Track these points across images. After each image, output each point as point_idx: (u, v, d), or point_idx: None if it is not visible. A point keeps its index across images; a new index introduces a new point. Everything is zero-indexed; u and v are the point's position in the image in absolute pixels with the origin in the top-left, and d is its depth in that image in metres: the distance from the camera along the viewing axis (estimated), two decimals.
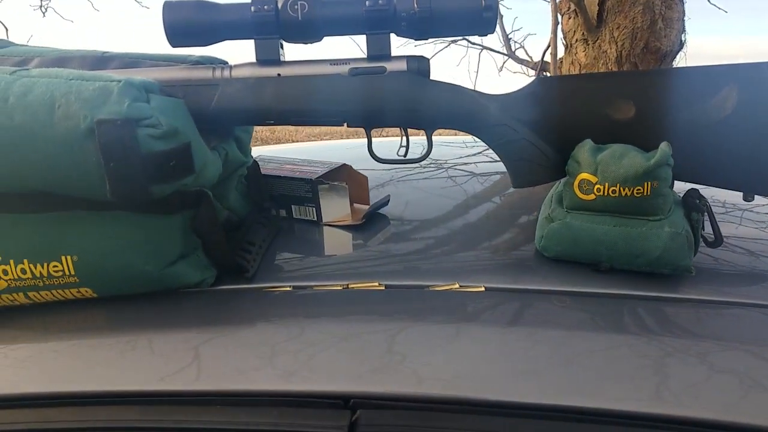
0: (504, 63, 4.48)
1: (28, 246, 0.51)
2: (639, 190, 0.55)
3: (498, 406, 0.40)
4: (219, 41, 0.61)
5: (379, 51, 0.61)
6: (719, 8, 3.60)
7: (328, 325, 0.50)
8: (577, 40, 3.21)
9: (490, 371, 0.43)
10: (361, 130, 0.66)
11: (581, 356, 0.44)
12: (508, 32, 4.15)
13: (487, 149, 1.30)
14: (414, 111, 0.62)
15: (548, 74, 3.66)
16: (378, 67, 0.61)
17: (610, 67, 3.05)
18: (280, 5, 0.58)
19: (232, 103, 0.60)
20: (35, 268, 0.51)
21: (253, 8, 0.58)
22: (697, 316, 0.51)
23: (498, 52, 4.34)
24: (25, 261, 0.51)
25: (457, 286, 0.55)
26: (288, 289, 0.57)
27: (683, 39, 3.11)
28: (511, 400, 0.40)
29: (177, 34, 0.59)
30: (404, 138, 0.69)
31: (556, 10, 3.31)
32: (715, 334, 0.48)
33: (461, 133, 0.67)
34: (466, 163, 1.14)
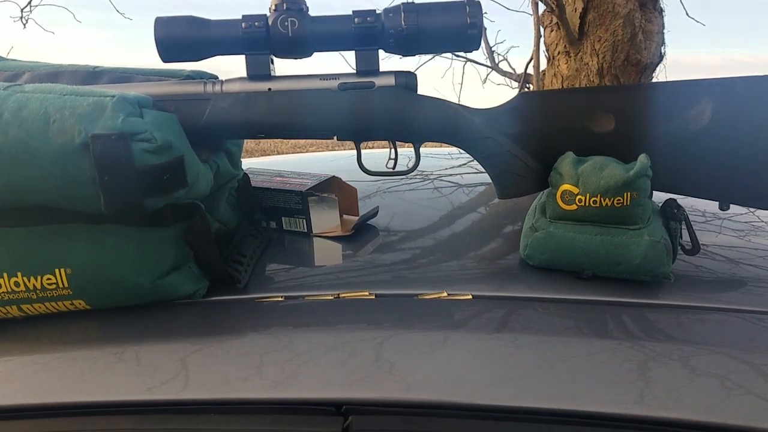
0: (488, 75, 4.53)
1: (22, 259, 0.52)
2: (619, 200, 0.57)
3: (485, 410, 0.41)
4: (210, 56, 0.62)
5: (367, 66, 0.62)
6: (697, 21, 3.68)
7: (320, 333, 0.51)
8: (559, 52, 3.26)
9: (477, 376, 0.44)
10: (348, 142, 0.67)
11: (566, 361, 0.45)
12: (491, 45, 4.19)
13: (473, 161, 1.32)
14: (402, 125, 0.63)
15: (531, 86, 3.71)
16: (367, 82, 0.63)
17: (591, 79, 3.10)
18: (270, 22, 0.59)
19: (223, 117, 0.61)
20: (29, 281, 0.52)
21: (244, 25, 0.59)
22: (678, 321, 0.52)
23: (482, 64, 4.38)
24: (19, 274, 0.52)
25: (445, 294, 0.57)
26: (280, 299, 0.57)
27: (663, 51, 3.18)
28: (498, 404, 0.41)
29: (169, 49, 0.60)
30: (392, 150, 0.71)
31: (538, 23, 3.36)
32: (695, 338, 0.50)
33: (445, 144, 0.69)
34: (451, 174, 1.16)
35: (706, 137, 0.61)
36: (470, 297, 0.56)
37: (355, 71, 0.63)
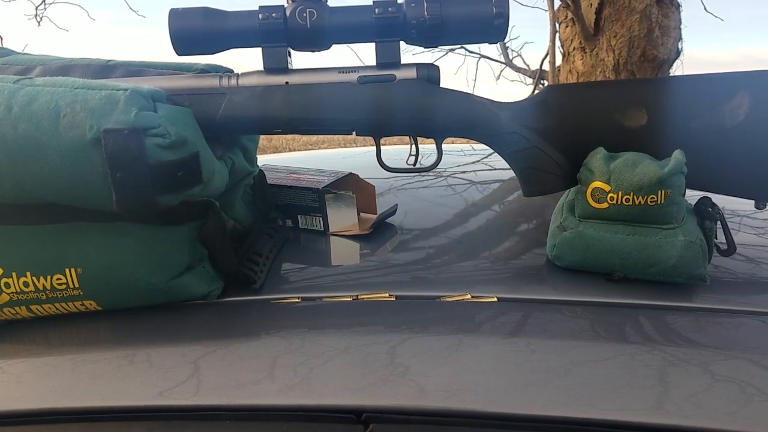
0: (501, 71, 4.51)
1: (31, 258, 0.50)
2: (653, 198, 0.54)
3: (507, 418, 0.39)
4: (226, 49, 0.60)
5: (388, 59, 0.60)
6: (716, 16, 3.63)
7: (339, 337, 0.49)
8: (574, 48, 3.22)
9: (503, 383, 0.42)
10: (361, 138, 0.65)
11: (590, 367, 0.43)
12: (505, 41, 4.16)
13: (487, 157, 1.30)
14: (424, 119, 0.61)
15: (546, 82, 3.67)
16: (387, 75, 0.60)
17: (607, 75, 3.06)
18: (288, 13, 0.57)
19: (239, 111, 0.59)
20: (38, 280, 0.50)
21: (260, 16, 0.57)
22: (706, 325, 0.50)
23: (496, 60, 4.36)
24: (28, 274, 0.50)
25: (469, 296, 0.54)
26: (296, 300, 0.56)
27: (680, 47, 3.13)
28: (527, 413, 0.39)
29: (183, 42, 0.58)
30: (413, 146, 0.68)
31: (554, 18, 3.32)
32: (727, 343, 0.47)
33: (460, 140, 0.66)
34: (466, 171, 1.14)
35: (743, 133, 0.58)
36: (495, 299, 0.54)
37: (375, 64, 0.61)
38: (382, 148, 0.66)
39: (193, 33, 0.58)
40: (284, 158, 1.44)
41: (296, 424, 0.40)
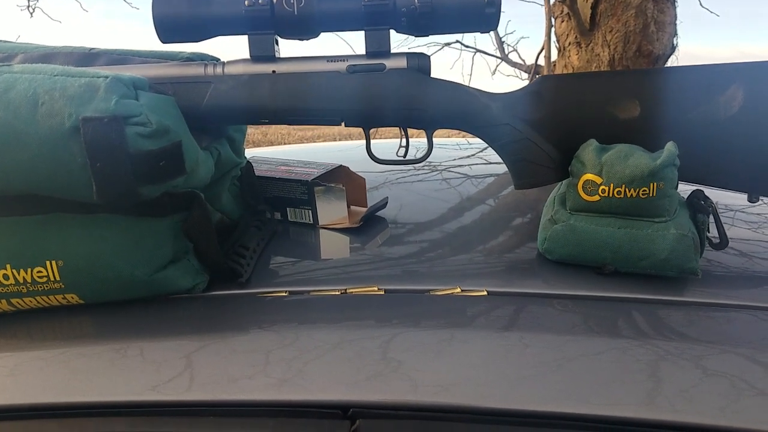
0: (497, 66, 4.51)
1: (11, 251, 0.49)
2: (645, 191, 0.54)
3: (496, 413, 0.39)
4: (211, 37, 0.59)
5: (378, 47, 0.59)
6: (711, 11, 3.62)
7: (326, 331, 0.48)
8: (570, 43, 3.22)
9: (491, 378, 0.41)
10: (357, 132, 0.64)
11: (582, 361, 0.43)
12: (501, 35, 4.17)
13: (482, 151, 1.30)
14: (414, 110, 0.60)
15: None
16: (377, 64, 0.59)
17: (602, 70, 3.05)
18: None
19: (224, 100, 0.58)
20: (18, 273, 0.49)
21: (246, 2, 0.56)
22: (698, 319, 0.50)
23: (491, 55, 4.36)
24: (8, 266, 0.49)
25: (458, 290, 0.54)
26: (284, 294, 0.55)
27: (675, 42, 3.13)
28: (513, 407, 0.39)
29: (167, 29, 0.57)
30: (404, 138, 0.67)
31: (549, 13, 3.31)
32: (719, 337, 0.47)
33: (455, 134, 0.65)
34: (460, 165, 1.13)
35: (736, 125, 0.57)
36: (485, 293, 0.53)
37: (364, 53, 0.60)
38: (375, 140, 0.65)
39: (177, 20, 0.57)
40: (274, 151, 1.43)
41: (283, 420, 0.39)
